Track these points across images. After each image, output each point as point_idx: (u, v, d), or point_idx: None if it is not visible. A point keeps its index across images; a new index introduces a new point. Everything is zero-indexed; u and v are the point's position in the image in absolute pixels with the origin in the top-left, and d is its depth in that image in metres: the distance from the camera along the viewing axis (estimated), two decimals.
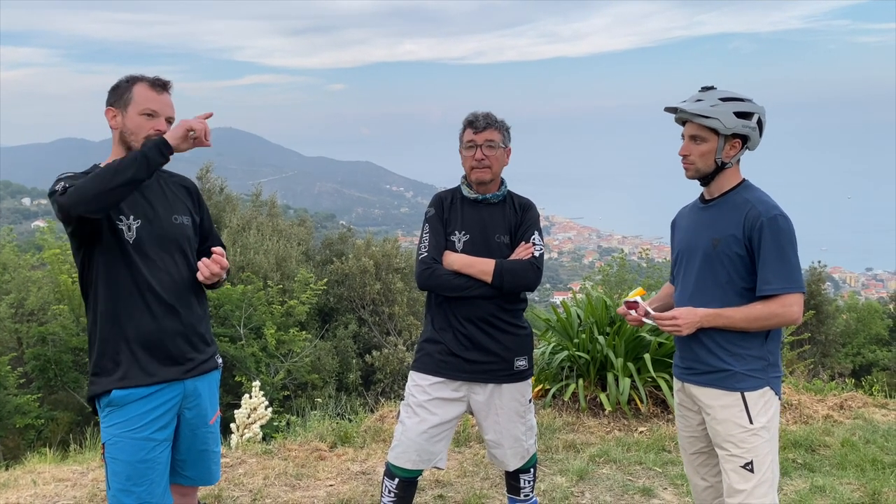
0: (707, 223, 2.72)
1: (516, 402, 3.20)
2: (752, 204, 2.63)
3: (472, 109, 3.20)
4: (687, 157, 2.70)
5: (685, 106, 2.65)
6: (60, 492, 4.30)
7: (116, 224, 2.59)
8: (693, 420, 2.86)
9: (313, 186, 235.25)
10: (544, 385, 5.80)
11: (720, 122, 2.61)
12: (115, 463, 2.62)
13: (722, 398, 2.66)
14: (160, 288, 2.64)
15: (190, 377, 2.72)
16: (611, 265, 21.58)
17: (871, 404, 5.94)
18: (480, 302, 3.09)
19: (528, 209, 3.24)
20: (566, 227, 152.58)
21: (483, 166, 3.12)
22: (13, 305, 16.88)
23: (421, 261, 3.14)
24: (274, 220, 24.45)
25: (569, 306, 6.06)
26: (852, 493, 4.15)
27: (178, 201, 2.80)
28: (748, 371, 2.65)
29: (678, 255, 2.85)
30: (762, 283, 2.58)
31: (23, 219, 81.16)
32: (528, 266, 3.09)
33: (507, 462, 3.27)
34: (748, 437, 2.63)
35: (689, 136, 2.68)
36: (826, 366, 17.46)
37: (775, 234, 2.56)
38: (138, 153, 2.51)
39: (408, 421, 3.15)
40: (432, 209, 3.20)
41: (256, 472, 4.53)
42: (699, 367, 2.72)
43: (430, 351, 3.17)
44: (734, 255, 2.62)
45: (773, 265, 2.56)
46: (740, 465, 2.63)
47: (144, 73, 2.71)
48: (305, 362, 16.69)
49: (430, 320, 3.21)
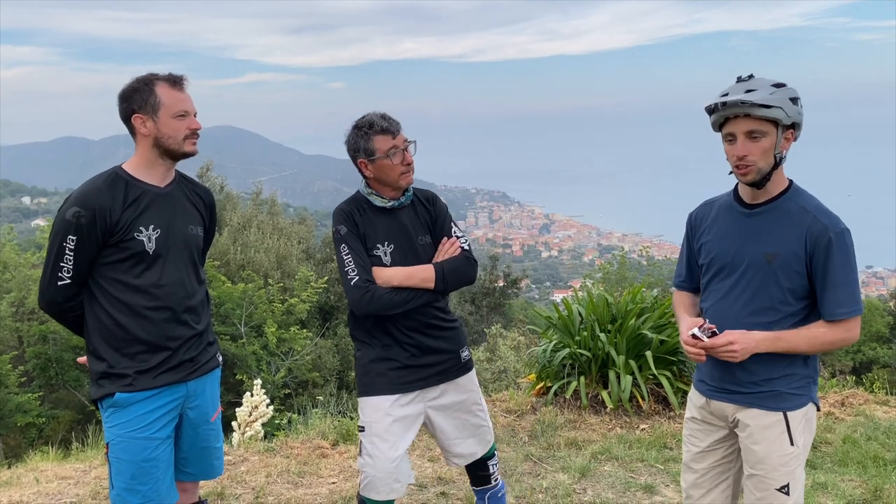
0: (756, 233, 2.43)
1: (470, 391, 3.16)
2: (812, 215, 2.37)
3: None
4: (745, 157, 2.34)
5: (746, 97, 2.29)
6: (63, 490, 4.31)
7: (135, 236, 2.57)
8: (714, 435, 2.62)
9: (313, 184, 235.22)
10: (546, 382, 5.80)
11: (783, 110, 2.30)
12: (119, 462, 2.62)
13: (762, 418, 2.46)
14: (173, 297, 2.64)
15: (193, 378, 2.73)
16: (611, 263, 21.59)
17: (873, 401, 5.94)
18: (421, 309, 2.96)
19: (435, 202, 3.11)
20: (566, 226, 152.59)
21: (412, 169, 2.97)
22: (14, 304, 16.89)
23: (354, 286, 2.86)
24: (274, 218, 24.47)
25: (570, 304, 6.06)
26: (854, 489, 4.16)
27: (195, 212, 2.79)
28: (792, 390, 2.45)
29: (711, 261, 2.54)
30: (834, 307, 2.35)
31: (23, 217, 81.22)
32: (464, 262, 3.00)
33: (471, 451, 3.19)
34: (788, 460, 2.45)
35: (744, 133, 2.33)
36: (826, 363, 17.47)
37: (844, 253, 2.33)
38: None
39: (377, 451, 2.93)
40: (343, 227, 2.93)
41: (259, 470, 4.54)
42: (736, 388, 2.49)
43: (380, 370, 2.98)
44: (793, 273, 2.37)
45: (844, 287, 2.33)
46: (776, 488, 2.46)
47: (155, 71, 2.64)
48: (306, 360, 16.70)
49: (368, 339, 3.02)
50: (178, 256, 2.67)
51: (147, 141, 2.62)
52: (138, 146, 2.64)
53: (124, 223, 2.55)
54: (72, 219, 2.50)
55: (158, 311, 2.61)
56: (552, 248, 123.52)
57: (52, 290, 2.57)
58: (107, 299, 2.59)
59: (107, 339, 2.60)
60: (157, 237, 2.61)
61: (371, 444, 2.96)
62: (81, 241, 2.51)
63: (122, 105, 2.62)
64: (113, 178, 2.60)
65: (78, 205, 2.51)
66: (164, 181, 2.69)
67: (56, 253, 2.53)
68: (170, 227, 2.65)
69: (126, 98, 2.61)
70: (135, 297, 2.58)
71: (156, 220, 2.61)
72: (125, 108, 2.61)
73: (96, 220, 2.51)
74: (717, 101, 2.37)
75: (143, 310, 2.59)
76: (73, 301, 2.60)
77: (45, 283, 2.58)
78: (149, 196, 2.62)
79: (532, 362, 6.34)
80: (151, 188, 2.64)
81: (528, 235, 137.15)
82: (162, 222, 2.63)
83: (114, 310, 2.58)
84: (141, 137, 2.62)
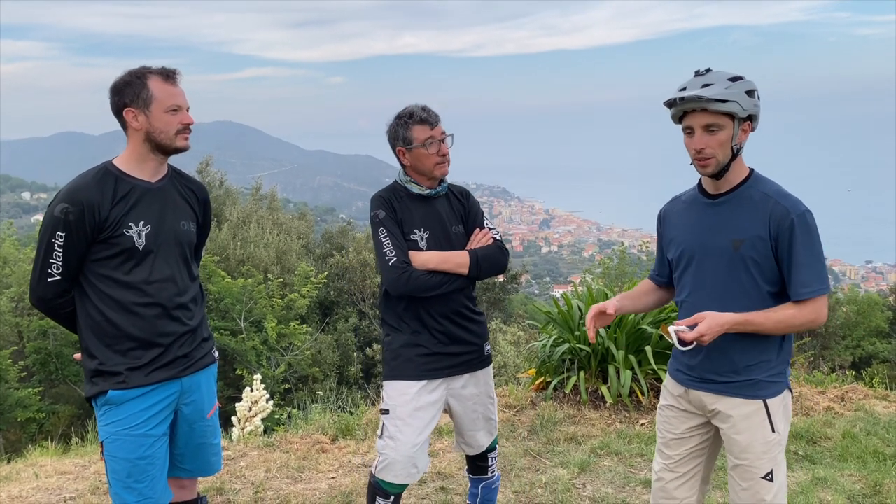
0: (721, 222, 2.50)
1: (487, 385, 3.26)
2: (774, 200, 2.42)
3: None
4: (703, 150, 2.41)
5: (702, 92, 2.36)
6: (62, 485, 4.31)
7: (125, 232, 2.54)
8: (691, 422, 2.67)
9: (313, 180, 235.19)
10: (545, 378, 5.80)
11: (738, 104, 2.36)
12: (115, 461, 2.60)
13: (743, 407, 2.50)
14: (163, 293, 2.62)
15: (187, 374, 2.71)
16: (611, 258, 21.62)
17: (872, 396, 5.94)
18: (453, 296, 3.06)
19: (468, 196, 3.25)
20: (566, 221, 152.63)
21: (447, 160, 3.09)
22: (14, 299, 16.92)
23: (392, 267, 2.96)
24: (274, 213, 24.47)
25: (570, 299, 6.05)
26: (853, 484, 4.16)
27: (187, 207, 2.76)
28: (770, 377, 2.50)
29: (681, 255, 2.61)
30: (799, 287, 2.39)
31: (23, 213, 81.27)
32: (496, 250, 3.12)
33: (481, 443, 3.29)
34: (771, 447, 2.50)
35: (702, 126, 2.40)
36: (826, 358, 17.46)
37: (806, 233, 2.39)
38: None
39: (400, 435, 3.00)
40: (381, 211, 3.05)
41: (258, 465, 4.54)
42: (715, 377, 2.54)
43: (409, 356, 3.06)
44: (760, 257, 2.42)
45: (809, 267, 2.38)
46: (761, 476, 2.50)
47: (147, 65, 2.61)
48: (306, 355, 16.73)
49: (398, 325, 3.10)
50: (169, 252, 2.64)
51: (138, 135, 2.59)
52: (129, 140, 2.62)
53: (113, 219, 2.52)
54: (60, 215, 2.48)
55: (149, 307, 2.59)
56: (552, 244, 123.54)
57: (42, 286, 2.55)
58: (97, 296, 2.57)
59: (98, 336, 2.58)
60: (148, 233, 2.58)
61: (394, 427, 3.02)
62: (70, 237, 2.49)
63: (114, 98, 2.59)
64: (102, 174, 2.57)
65: (66, 201, 2.49)
66: (155, 176, 2.66)
67: (45, 249, 2.52)
68: (161, 222, 2.62)
69: (118, 91, 2.58)
70: (125, 293, 2.56)
71: (146, 215, 2.58)
72: (117, 101, 2.58)
73: (85, 216, 2.48)
74: (675, 95, 2.43)
75: (133, 306, 2.57)
76: (63, 297, 2.59)
77: (35, 280, 2.57)
78: (139, 191, 2.59)
79: (532, 357, 6.33)
80: (142, 183, 2.61)
81: (528, 231, 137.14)
82: (152, 218, 2.60)
83: (104, 306, 2.56)
84: (132, 131, 2.59)
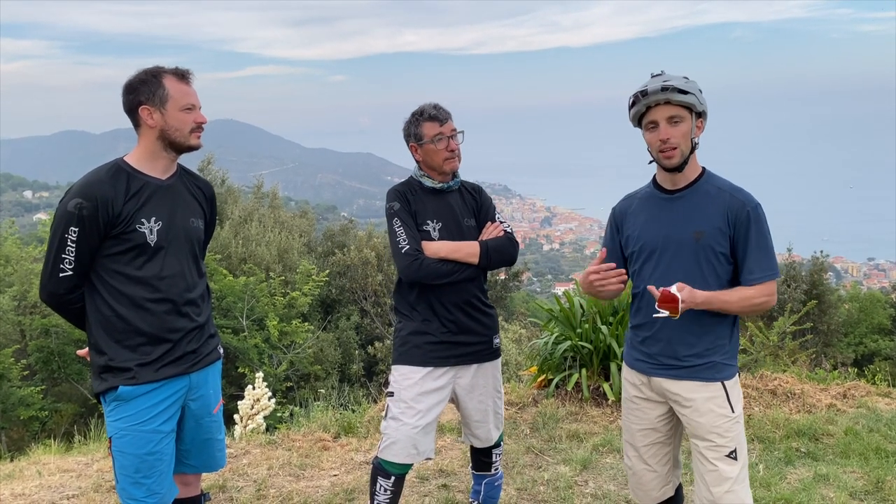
0: (681, 215, 2.64)
1: (495, 378, 3.30)
2: (729, 194, 2.61)
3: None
4: (669, 140, 2.55)
5: (668, 83, 2.52)
6: (65, 482, 4.32)
7: (137, 228, 2.57)
8: (653, 412, 2.80)
9: (314, 178, 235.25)
10: (547, 375, 5.80)
11: (696, 97, 2.54)
12: (123, 456, 2.62)
13: (702, 390, 2.64)
14: (174, 289, 2.64)
15: (195, 370, 2.73)
16: None
17: (875, 393, 5.93)
18: (464, 286, 3.14)
19: (481, 192, 3.35)
20: (568, 218, 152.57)
21: (455, 156, 3.19)
22: (16, 298, 16.93)
23: (405, 254, 3.08)
24: (275, 211, 24.50)
25: (571, 296, 6.05)
26: (856, 481, 4.16)
27: (196, 204, 2.79)
28: (725, 360, 2.66)
29: (641, 248, 2.72)
30: (748, 273, 2.59)
31: (24, 211, 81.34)
32: (507, 242, 3.20)
33: (489, 436, 3.33)
34: (732, 425, 2.64)
35: (666, 118, 2.54)
36: (828, 355, 17.45)
37: (759, 224, 2.59)
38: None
39: (403, 416, 3.10)
40: (396, 203, 3.16)
41: (260, 463, 4.55)
42: (676, 362, 2.67)
43: (417, 343, 3.15)
44: (719, 247, 2.59)
45: (759, 255, 2.59)
46: (726, 455, 2.64)
47: (161, 64, 2.64)
48: (308, 353, 16.74)
49: (410, 313, 3.19)
50: (180, 249, 2.67)
51: (152, 133, 2.61)
52: (142, 138, 2.64)
53: (126, 215, 2.55)
54: (74, 210, 2.49)
55: (159, 303, 2.61)
56: (554, 241, 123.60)
57: (54, 281, 2.57)
58: (108, 291, 2.59)
59: (108, 332, 2.60)
60: (159, 229, 2.61)
61: (398, 409, 3.12)
62: (83, 232, 2.51)
63: (128, 96, 2.60)
64: (115, 170, 2.59)
65: (80, 196, 2.51)
66: (165, 174, 2.69)
67: (58, 244, 2.53)
68: (171, 219, 2.65)
69: (133, 89, 2.60)
70: (136, 288, 2.58)
71: (157, 212, 2.61)
72: (131, 99, 2.60)
73: (98, 212, 2.50)
74: (637, 91, 2.58)
75: (144, 302, 2.59)
76: (74, 293, 2.60)
77: (46, 275, 2.58)
78: (150, 188, 2.62)
79: (534, 355, 6.33)
80: (153, 180, 2.64)
81: (530, 228, 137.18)
82: (163, 215, 2.63)
83: (115, 302, 2.58)
84: (146, 129, 2.61)
